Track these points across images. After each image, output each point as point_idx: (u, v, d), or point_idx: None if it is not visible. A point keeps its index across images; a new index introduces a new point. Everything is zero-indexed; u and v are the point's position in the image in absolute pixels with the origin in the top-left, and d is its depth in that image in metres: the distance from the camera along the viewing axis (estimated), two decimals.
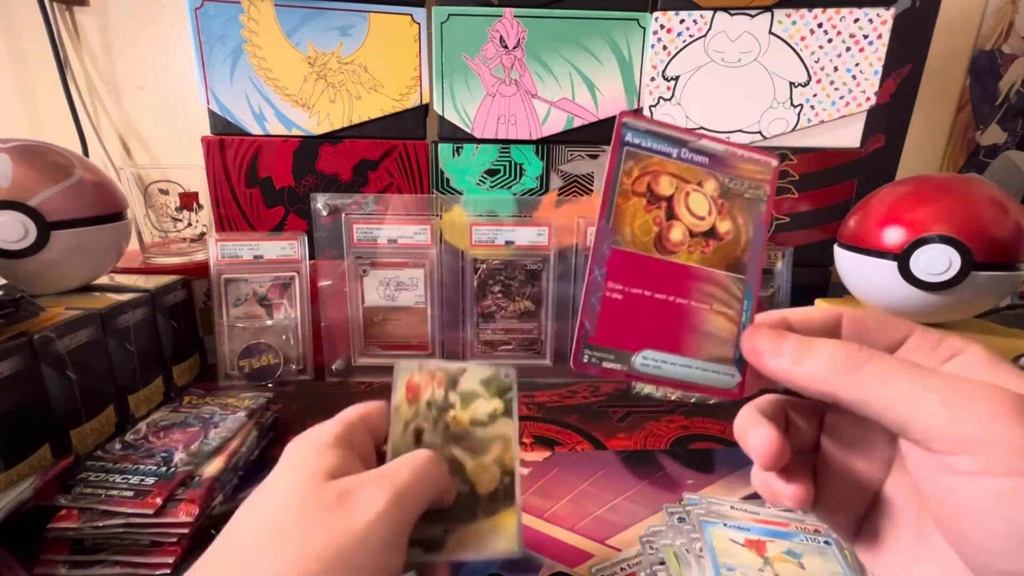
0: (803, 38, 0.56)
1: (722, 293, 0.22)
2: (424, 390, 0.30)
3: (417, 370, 0.31)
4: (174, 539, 0.33)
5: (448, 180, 0.61)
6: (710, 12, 0.56)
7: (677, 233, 0.22)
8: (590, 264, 0.22)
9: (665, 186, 0.22)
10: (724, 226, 0.22)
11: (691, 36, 0.56)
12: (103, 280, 0.54)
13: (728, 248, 0.22)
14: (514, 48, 0.57)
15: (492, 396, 0.30)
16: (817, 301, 0.57)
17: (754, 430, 0.21)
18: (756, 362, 0.20)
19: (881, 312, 0.21)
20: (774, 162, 0.22)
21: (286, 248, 0.58)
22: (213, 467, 0.38)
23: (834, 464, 0.22)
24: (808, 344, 0.19)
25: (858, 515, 0.22)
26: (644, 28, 0.57)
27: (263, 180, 0.60)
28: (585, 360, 0.21)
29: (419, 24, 0.57)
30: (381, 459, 0.27)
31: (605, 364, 0.21)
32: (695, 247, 0.22)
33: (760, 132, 0.58)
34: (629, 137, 0.22)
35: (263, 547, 0.20)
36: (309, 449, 0.24)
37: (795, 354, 0.19)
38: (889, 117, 0.74)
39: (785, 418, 0.23)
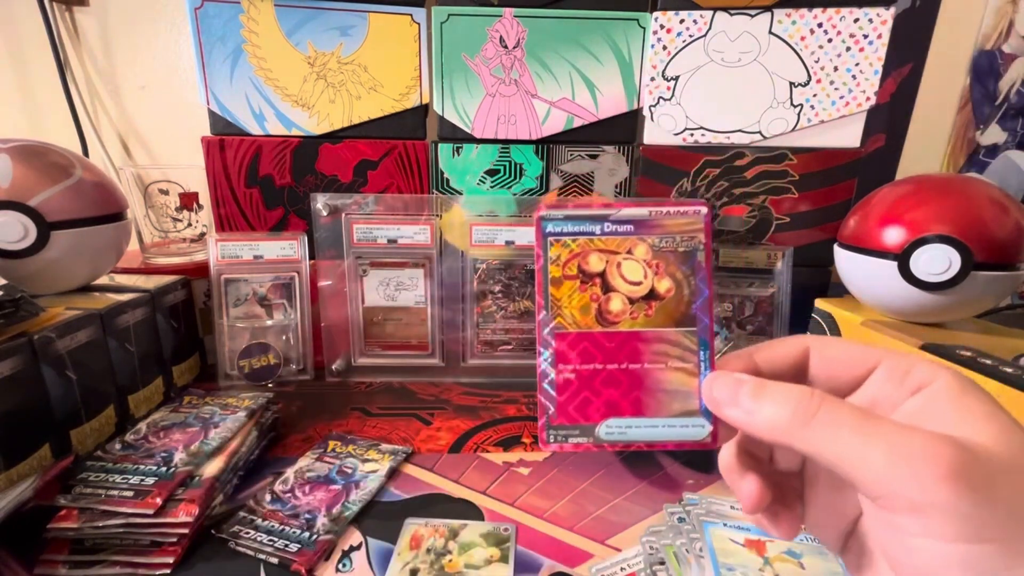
0: (803, 38, 0.56)
1: (675, 349, 0.22)
2: (426, 540, 0.35)
3: (423, 525, 0.36)
4: (174, 539, 0.33)
5: (448, 180, 0.61)
6: (710, 12, 0.56)
7: (616, 303, 0.22)
8: (537, 350, 0.22)
9: (595, 263, 0.22)
10: (663, 285, 0.22)
11: (691, 36, 0.56)
12: (103, 280, 0.54)
13: (672, 305, 0.22)
14: (514, 48, 0.57)
15: (490, 546, 0.35)
16: (817, 301, 0.57)
17: (736, 477, 0.21)
18: (716, 411, 0.21)
19: (848, 341, 0.21)
20: (703, 210, 0.23)
21: (286, 248, 0.58)
22: (213, 467, 0.38)
23: (818, 487, 0.22)
24: (761, 392, 0.19)
25: (844, 531, 0.22)
26: (644, 28, 0.57)
27: (263, 180, 0.60)
28: (551, 441, 0.22)
29: (419, 24, 0.57)
30: None
31: (571, 440, 0.22)
32: (638, 312, 0.22)
33: (760, 132, 0.58)
34: (549, 228, 0.23)
35: None
36: None
37: (749, 403, 0.19)
38: (889, 117, 0.74)
39: (769, 447, 0.23)
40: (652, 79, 0.58)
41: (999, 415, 0.16)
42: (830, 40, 0.55)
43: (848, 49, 0.56)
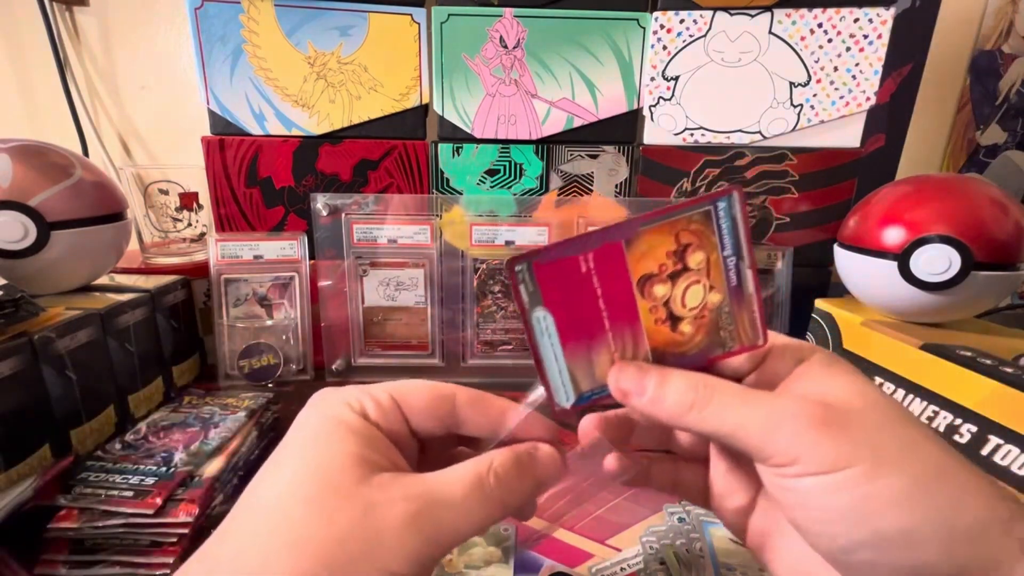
0: (803, 38, 0.56)
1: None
2: None
3: None
4: (174, 539, 0.33)
5: (448, 180, 0.61)
6: (710, 12, 0.56)
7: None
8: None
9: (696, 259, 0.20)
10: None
11: (691, 36, 0.56)
12: (103, 280, 0.54)
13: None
14: (514, 48, 0.57)
15: (489, 546, 0.35)
16: (817, 302, 0.57)
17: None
18: (624, 401, 0.21)
19: None
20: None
21: (286, 248, 0.58)
22: (213, 467, 0.38)
23: (719, 469, 0.25)
24: (664, 381, 0.20)
25: (745, 511, 0.25)
26: (644, 28, 0.57)
27: (263, 180, 0.60)
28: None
29: (419, 24, 0.57)
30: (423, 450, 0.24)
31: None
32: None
33: (760, 132, 0.58)
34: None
35: (274, 547, 0.18)
36: (332, 429, 0.21)
37: (654, 393, 0.20)
38: (889, 117, 0.74)
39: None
40: (652, 79, 0.58)
41: (858, 379, 0.20)
42: (830, 40, 0.55)
43: (848, 49, 0.56)
